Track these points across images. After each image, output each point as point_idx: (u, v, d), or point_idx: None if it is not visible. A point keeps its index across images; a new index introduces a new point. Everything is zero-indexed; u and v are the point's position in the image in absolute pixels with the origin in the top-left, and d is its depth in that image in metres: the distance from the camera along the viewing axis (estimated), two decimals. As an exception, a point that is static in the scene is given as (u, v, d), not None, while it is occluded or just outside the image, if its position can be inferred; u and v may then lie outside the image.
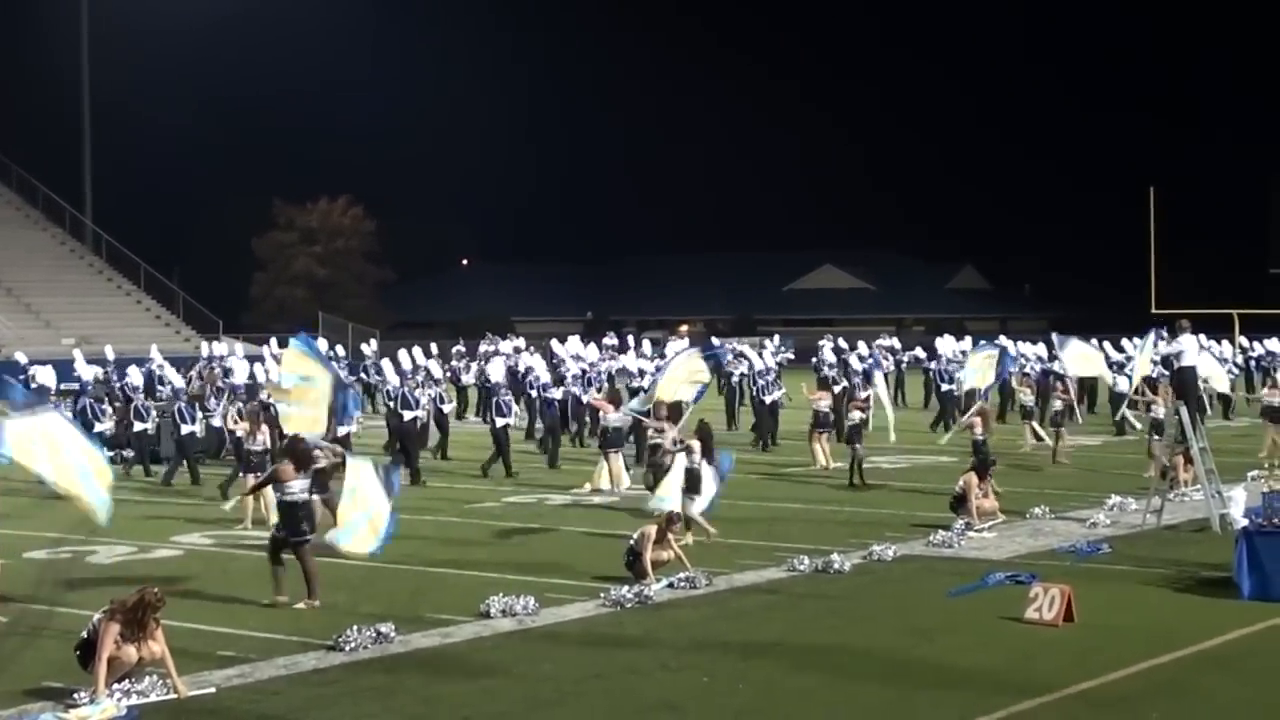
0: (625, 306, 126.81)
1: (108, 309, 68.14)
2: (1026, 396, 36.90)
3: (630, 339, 52.97)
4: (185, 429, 31.50)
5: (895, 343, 52.44)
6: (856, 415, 30.32)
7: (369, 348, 49.21)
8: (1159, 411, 30.20)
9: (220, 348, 44.91)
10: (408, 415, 31.26)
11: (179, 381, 35.76)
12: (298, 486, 18.27)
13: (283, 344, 50.67)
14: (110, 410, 32.92)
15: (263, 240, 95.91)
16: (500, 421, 31.51)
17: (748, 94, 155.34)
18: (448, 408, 36.73)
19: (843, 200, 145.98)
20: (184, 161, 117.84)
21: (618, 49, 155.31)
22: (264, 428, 25.40)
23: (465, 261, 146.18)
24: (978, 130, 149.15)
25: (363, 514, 17.50)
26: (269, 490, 23.55)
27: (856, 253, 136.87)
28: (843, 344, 47.05)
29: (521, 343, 49.27)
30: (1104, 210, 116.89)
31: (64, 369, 38.25)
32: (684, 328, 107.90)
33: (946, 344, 46.05)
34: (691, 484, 22.12)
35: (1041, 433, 35.12)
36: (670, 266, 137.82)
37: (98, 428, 31.38)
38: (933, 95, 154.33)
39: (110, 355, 41.61)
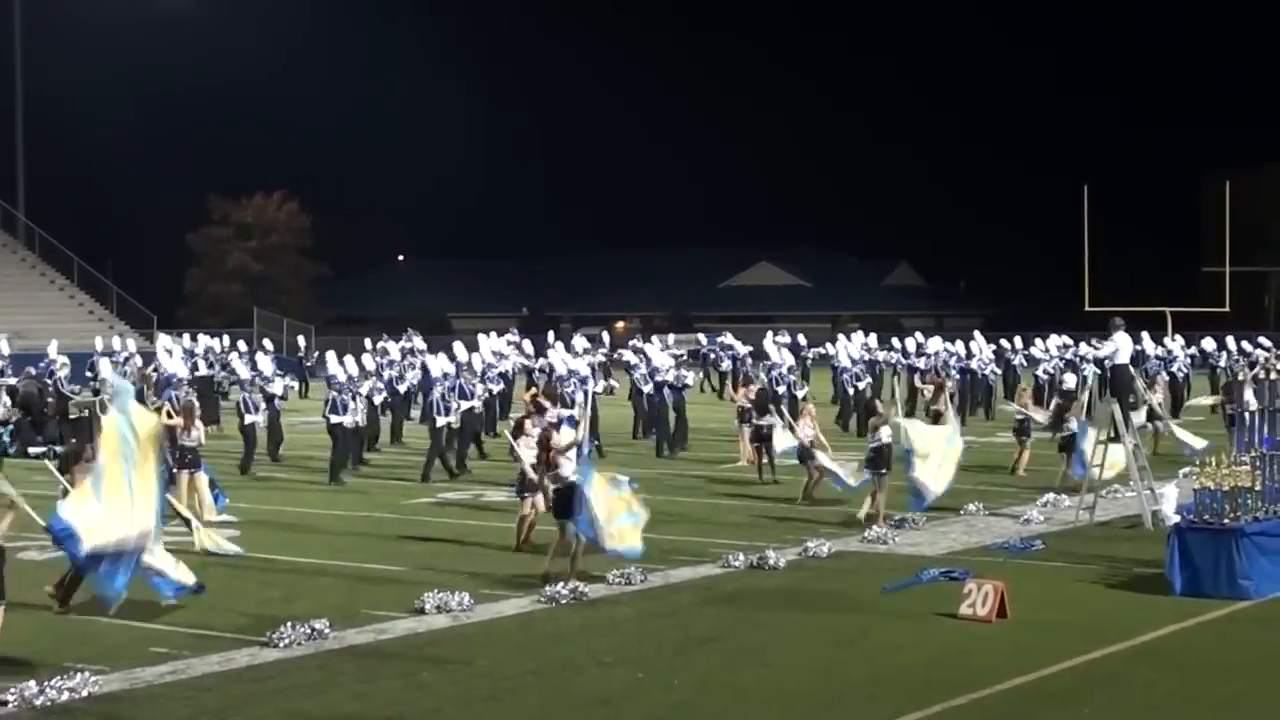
0: (561, 303, 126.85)
1: (41, 304, 67.64)
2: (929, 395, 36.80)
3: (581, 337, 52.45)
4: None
5: (800, 339, 52.56)
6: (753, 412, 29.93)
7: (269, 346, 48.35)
8: (1035, 415, 30.45)
9: (115, 342, 44.80)
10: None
11: (106, 371, 35.66)
12: None
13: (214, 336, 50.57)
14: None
15: (198, 235, 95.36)
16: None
17: (683, 91, 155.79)
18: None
19: (779, 197, 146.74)
20: (118, 156, 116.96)
21: (552, 47, 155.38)
22: (198, 422, 25.21)
23: (401, 258, 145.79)
24: (914, 128, 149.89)
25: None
26: (202, 485, 23.44)
27: (792, 249, 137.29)
28: (732, 340, 47.49)
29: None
30: (1038, 208, 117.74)
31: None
32: (620, 324, 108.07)
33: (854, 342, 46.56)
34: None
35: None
36: (606, 263, 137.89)
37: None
38: (870, 93, 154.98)
39: (6, 350, 41.20)
